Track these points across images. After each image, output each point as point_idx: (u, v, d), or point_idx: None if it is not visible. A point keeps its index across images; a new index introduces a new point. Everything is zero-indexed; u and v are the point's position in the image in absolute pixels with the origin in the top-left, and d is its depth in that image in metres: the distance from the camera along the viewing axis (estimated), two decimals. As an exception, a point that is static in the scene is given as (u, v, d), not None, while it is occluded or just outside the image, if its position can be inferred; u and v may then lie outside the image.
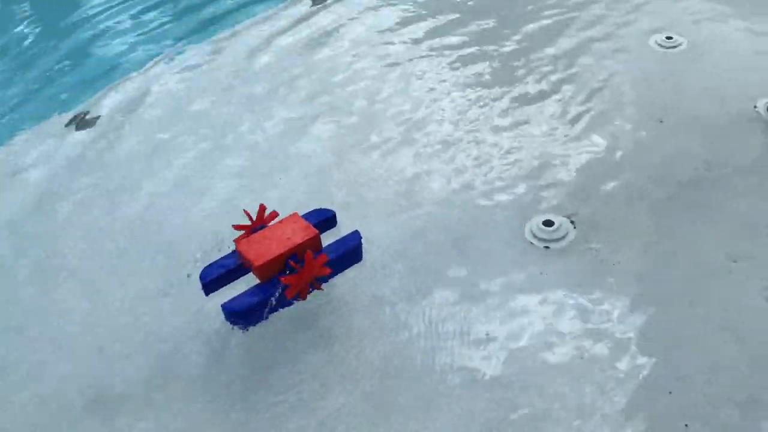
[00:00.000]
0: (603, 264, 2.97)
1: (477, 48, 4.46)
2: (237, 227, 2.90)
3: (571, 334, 2.71)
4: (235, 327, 2.85)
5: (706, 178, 3.30)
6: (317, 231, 2.81)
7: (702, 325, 2.68)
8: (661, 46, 4.25)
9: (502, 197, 3.36)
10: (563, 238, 3.11)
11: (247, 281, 2.82)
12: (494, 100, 3.98)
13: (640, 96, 3.88)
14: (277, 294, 2.72)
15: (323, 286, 2.83)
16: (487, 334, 2.75)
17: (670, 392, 2.49)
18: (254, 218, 2.90)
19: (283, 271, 2.74)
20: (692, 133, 3.57)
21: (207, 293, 2.83)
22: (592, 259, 3.00)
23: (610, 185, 3.34)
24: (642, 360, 2.59)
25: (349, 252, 2.93)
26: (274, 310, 2.79)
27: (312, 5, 5.19)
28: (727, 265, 2.89)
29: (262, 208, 2.91)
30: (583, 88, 3.99)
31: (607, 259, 2.98)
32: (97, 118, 4.29)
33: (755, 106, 3.66)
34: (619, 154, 3.51)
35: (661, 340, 2.65)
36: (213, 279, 2.81)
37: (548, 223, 3.17)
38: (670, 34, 4.30)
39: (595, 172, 3.42)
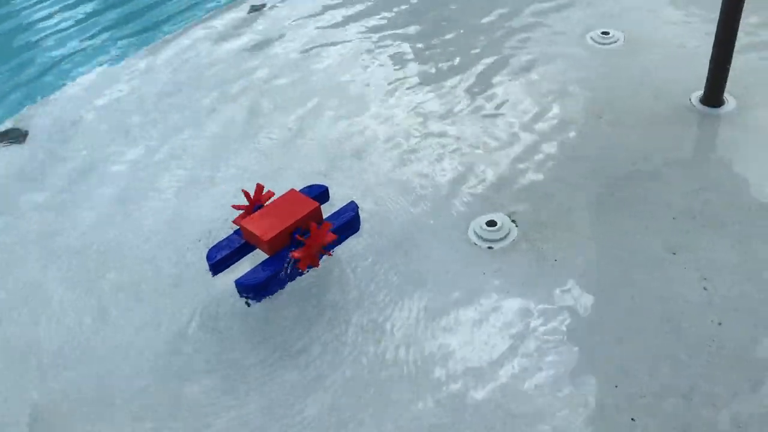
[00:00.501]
0: (545, 261, 2.98)
1: (410, 45, 4.47)
2: (237, 207, 2.99)
3: (514, 334, 2.70)
4: (251, 302, 2.91)
5: (644, 172, 3.35)
6: (318, 203, 2.94)
7: (643, 318, 2.71)
8: (597, 42, 4.31)
9: (443, 199, 3.36)
10: (505, 237, 3.12)
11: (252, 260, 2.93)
12: (433, 98, 3.98)
13: (579, 93, 3.92)
14: (287, 266, 2.83)
15: (331, 252, 2.97)
16: (432, 336, 2.74)
17: (616, 386, 2.50)
18: (251, 200, 3.00)
19: (289, 246, 2.84)
20: (630, 128, 3.62)
21: (214, 274, 2.91)
22: (535, 256, 3.01)
23: (551, 182, 3.36)
24: (586, 356, 2.60)
25: (348, 222, 3.06)
26: (287, 281, 2.90)
27: (249, 11, 5.14)
28: (665, 256, 2.93)
29: (260, 187, 3.01)
30: (521, 86, 4.01)
31: (548, 256, 3.00)
32: (26, 133, 4.16)
33: (690, 99, 3.73)
34: (558, 150, 3.54)
35: (605, 335, 2.67)
36: (220, 259, 2.88)
37: (491, 223, 3.17)
38: (606, 30, 4.36)
39: (535, 170, 3.44)
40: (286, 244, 2.86)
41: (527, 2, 4.82)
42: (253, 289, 2.82)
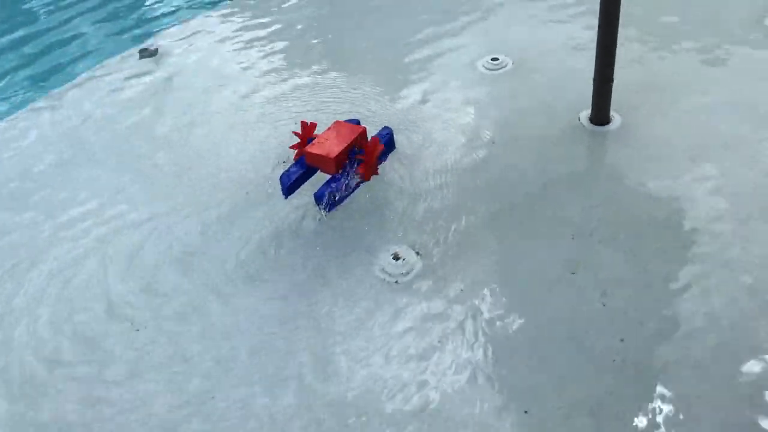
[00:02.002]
0: (449, 291, 3.00)
1: (299, 74, 4.48)
2: (295, 133, 3.59)
3: (420, 364, 2.70)
4: (324, 213, 3.40)
5: (540, 192, 3.42)
6: (365, 127, 3.52)
7: (548, 339, 2.75)
8: (488, 68, 4.41)
9: (350, 232, 3.36)
10: (410, 271, 3.13)
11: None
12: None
13: (472, 118, 3.99)
14: (351, 179, 3.43)
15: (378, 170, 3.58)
16: (337, 375, 2.71)
17: (526, 412, 2.53)
18: (302, 133, 3.57)
19: (348, 164, 3.41)
20: (524, 150, 3.70)
21: (287, 196, 3.47)
22: (439, 288, 3.02)
23: (450, 208, 3.39)
24: (495, 384, 2.62)
25: (388, 141, 3.66)
26: (351, 193, 3.48)
27: (140, 58, 5.04)
28: (565, 275, 2.99)
29: (303, 123, 3.58)
30: (413, 116, 4.06)
31: (452, 286, 3.02)
32: None
33: (579, 119, 3.86)
34: (455, 176, 3.58)
35: (512, 360, 2.70)
36: (292, 182, 3.44)
37: (396, 257, 3.18)
38: (495, 56, 4.48)
39: (433, 197, 3.47)
40: (344, 162, 3.40)
41: (417, 30, 4.91)
42: (326, 198, 3.34)
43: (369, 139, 3.55)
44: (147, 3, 6.17)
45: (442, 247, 3.21)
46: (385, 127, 3.69)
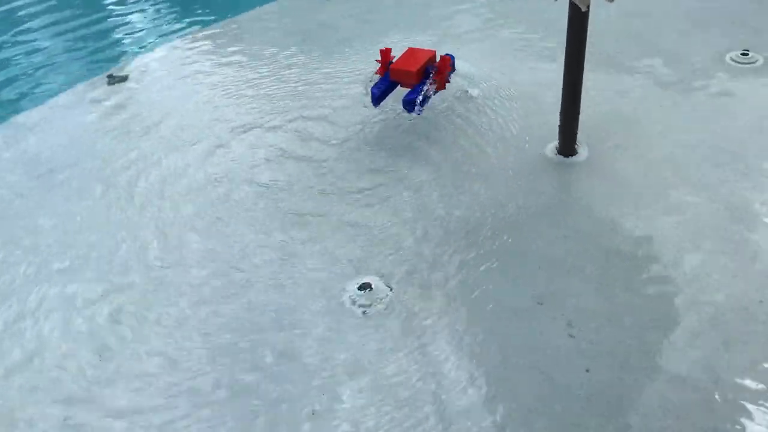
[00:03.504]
0: (417, 323, 2.99)
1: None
2: (377, 62, 4.33)
3: (392, 401, 2.69)
4: (410, 113, 4.13)
5: (509, 223, 3.45)
6: (434, 50, 4.29)
7: (516, 371, 2.76)
8: (459, 99, 4.46)
9: (318, 262, 3.35)
10: (379, 301, 3.12)
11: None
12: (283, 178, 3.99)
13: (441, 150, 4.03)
14: (429, 88, 4.13)
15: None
16: (313, 412, 2.68)
17: (494, 446, 2.53)
18: (383, 58, 4.30)
19: (423, 80, 4.14)
20: (493, 181, 3.74)
21: (375, 105, 4.22)
22: (407, 319, 3.02)
23: (420, 242, 3.40)
24: (461, 414, 2.61)
25: (453, 62, 4.38)
26: (428, 99, 4.16)
27: (108, 84, 5.01)
28: (533, 306, 3.01)
29: (382, 50, 4.30)
30: (383, 151, 4.09)
31: (420, 317, 3.02)
32: None
33: (546, 150, 3.91)
34: (426, 210, 3.60)
35: (480, 392, 2.69)
36: (379, 94, 4.18)
37: (364, 287, 3.17)
38: (465, 89, 4.53)
39: (404, 231, 3.48)
40: (421, 78, 4.14)
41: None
42: (411, 102, 4.06)
43: (438, 59, 4.31)
44: (117, 28, 6.14)
45: (411, 276, 3.21)
46: (447, 54, 4.36)
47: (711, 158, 3.74)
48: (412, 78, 4.14)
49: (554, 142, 3.90)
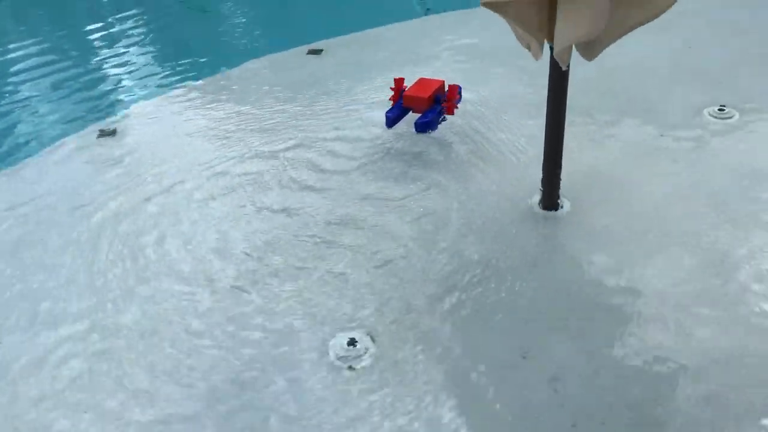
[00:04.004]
0: (404, 379, 3.00)
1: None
2: (392, 91, 4.88)
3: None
4: (421, 134, 4.69)
5: (493, 277, 3.49)
6: (443, 80, 4.84)
7: (499, 424, 2.76)
8: (445, 156, 4.53)
9: (299, 319, 3.35)
10: (364, 355, 3.13)
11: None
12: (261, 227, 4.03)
13: (428, 204, 4.07)
14: (439, 113, 4.75)
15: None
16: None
17: (479, 502, 2.51)
18: (396, 86, 4.86)
19: (434, 105, 4.73)
20: (477, 235, 3.78)
21: (389, 127, 4.74)
22: (395, 375, 3.02)
23: (405, 298, 3.42)
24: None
25: (460, 91, 4.90)
26: (438, 123, 4.75)
27: (98, 137, 5.06)
28: (517, 361, 3.03)
29: (395, 78, 4.86)
30: (369, 206, 4.14)
31: (408, 372, 3.02)
32: None
33: (530, 204, 3.97)
34: (409, 265, 3.63)
35: (465, 448, 2.70)
36: (394, 117, 4.71)
37: (351, 342, 3.18)
38: (443, 148, 4.61)
39: (387, 287, 3.50)
40: (431, 104, 4.70)
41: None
42: (424, 125, 4.64)
43: (446, 88, 4.84)
44: (106, 82, 6.22)
45: (395, 332, 3.22)
46: (455, 84, 4.88)
47: (692, 211, 3.82)
48: (423, 104, 4.66)
49: (537, 196, 3.96)
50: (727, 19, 6.17)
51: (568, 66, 3.36)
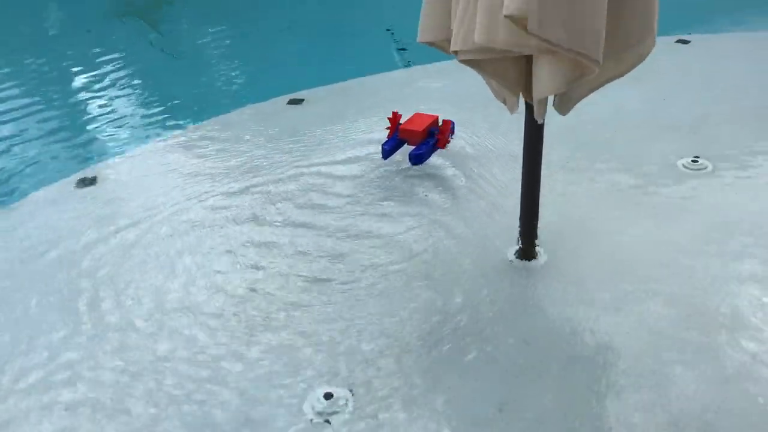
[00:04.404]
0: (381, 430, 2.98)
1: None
2: (390, 121, 5.15)
3: None
4: (414, 165, 4.93)
5: (469, 329, 3.48)
6: (437, 115, 5.15)
7: (477, 483, 2.74)
8: (423, 204, 4.56)
9: (277, 369, 3.32)
10: (343, 409, 3.10)
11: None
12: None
13: (407, 255, 4.08)
14: (431, 146, 5.01)
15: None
16: None
17: None
18: (393, 120, 5.13)
19: (427, 138, 5.01)
20: (454, 286, 3.79)
21: (385, 158, 4.98)
22: (370, 429, 2.99)
23: (381, 348, 3.41)
24: None
25: (453, 126, 5.24)
26: (430, 155, 5.01)
27: (76, 187, 5.05)
28: (493, 414, 3.01)
29: (393, 113, 5.14)
30: (349, 254, 4.14)
31: (381, 426, 3.00)
32: None
33: (506, 254, 3.99)
34: (384, 313, 3.63)
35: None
36: (390, 149, 4.96)
37: (327, 396, 3.15)
38: (428, 193, 4.65)
39: (363, 337, 3.49)
40: (427, 137, 4.99)
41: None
42: (417, 156, 4.89)
43: (440, 122, 5.18)
44: (87, 131, 6.24)
45: (373, 384, 3.20)
46: (448, 120, 5.24)
47: (667, 262, 3.86)
48: (418, 137, 4.95)
49: (514, 247, 3.98)
50: (700, 72, 6.33)
51: (543, 120, 3.42)
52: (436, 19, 3.24)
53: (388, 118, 5.17)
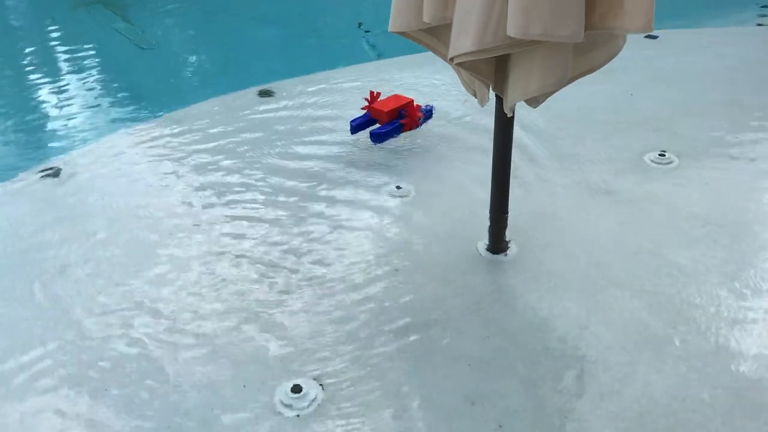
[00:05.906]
0: (350, 426, 2.96)
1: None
2: (367, 101, 5.26)
3: None
4: (375, 144, 5.11)
5: (439, 322, 3.49)
6: (412, 98, 5.28)
7: (447, 475, 2.74)
8: (392, 195, 4.55)
9: (247, 364, 3.29)
10: (312, 403, 3.08)
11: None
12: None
13: (376, 247, 4.07)
14: (397, 127, 5.16)
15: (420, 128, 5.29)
16: None
17: None
18: (370, 99, 5.26)
19: (397, 118, 5.17)
20: (424, 279, 3.79)
21: (353, 133, 5.19)
22: (341, 422, 2.98)
23: (349, 341, 3.40)
24: None
25: (429, 111, 5.43)
26: (395, 135, 5.18)
27: (40, 177, 4.94)
28: (464, 407, 3.01)
29: (371, 92, 5.26)
30: (318, 246, 4.12)
31: (353, 419, 2.99)
32: None
33: (476, 248, 4.00)
34: (354, 307, 3.61)
35: (412, 498, 2.66)
36: (357, 125, 5.16)
37: (296, 389, 3.12)
38: (399, 184, 4.64)
39: (332, 330, 3.47)
40: (394, 117, 5.16)
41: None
42: (378, 135, 5.08)
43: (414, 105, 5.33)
44: (49, 122, 6.10)
45: (341, 377, 3.19)
46: (429, 104, 5.49)
47: (634, 256, 3.90)
48: (384, 116, 5.16)
49: (484, 240, 3.99)
50: (668, 67, 6.39)
51: (513, 113, 3.42)
52: (408, 8, 3.21)
53: (365, 98, 5.31)
